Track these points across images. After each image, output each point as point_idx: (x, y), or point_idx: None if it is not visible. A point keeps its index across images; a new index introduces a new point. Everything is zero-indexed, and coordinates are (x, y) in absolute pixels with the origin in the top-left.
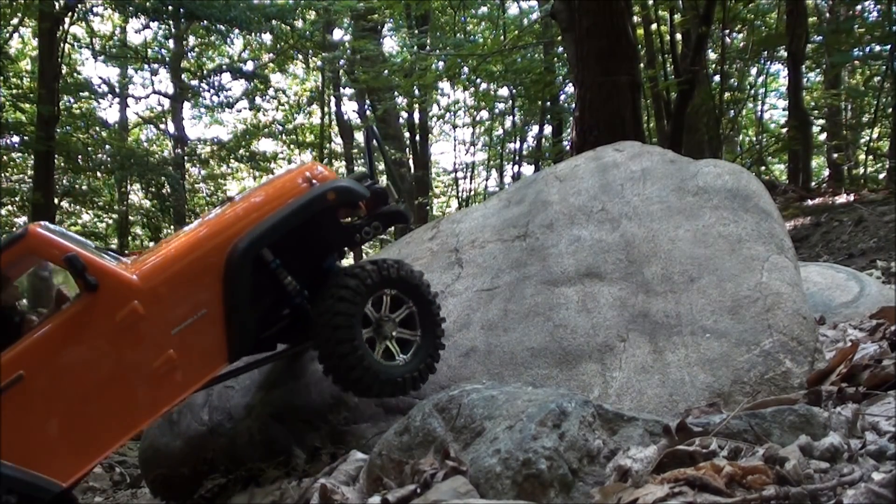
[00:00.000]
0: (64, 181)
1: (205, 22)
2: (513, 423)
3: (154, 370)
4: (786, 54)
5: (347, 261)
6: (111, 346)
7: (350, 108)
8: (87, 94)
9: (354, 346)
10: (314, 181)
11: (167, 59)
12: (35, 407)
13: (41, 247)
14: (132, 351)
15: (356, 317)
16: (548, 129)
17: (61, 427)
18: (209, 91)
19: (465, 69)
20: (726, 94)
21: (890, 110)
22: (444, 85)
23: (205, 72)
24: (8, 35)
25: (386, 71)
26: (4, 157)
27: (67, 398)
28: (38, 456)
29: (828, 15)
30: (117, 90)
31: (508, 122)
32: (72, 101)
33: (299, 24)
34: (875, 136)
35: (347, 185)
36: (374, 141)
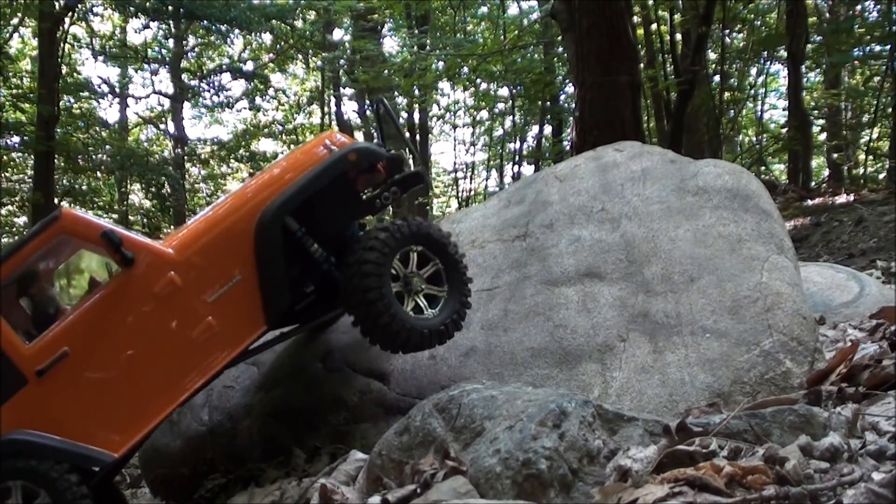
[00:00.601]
0: (64, 181)
1: (205, 22)
2: (513, 423)
3: (194, 338)
4: (786, 54)
5: None
6: (151, 318)
7: (350, 108)
8: (87, 94)
9: (382, 293)
10: (334, 148)
11: (167, 59)
12: (81, 382)
13: (75, 226)
14: (172, 321)
15: (385, 265)
16: (548, 129)
17: (108, 400)
18: (209, 91)
19: (465, 69)
20: (726, 94)
21: (890, 110)
22: (444, 85)
23: (205, 72)
24: (8, 35)
25: (386, 71)
26: (4, 157)
27: (112, 371)
28: (88, 429)
29: (828, 15)
30: (117, 90)
31: (508, 122)
32: (72, 101)
33: (299, 24)
34: (875, 136)
35: (367, 145)
36: (386, 112)
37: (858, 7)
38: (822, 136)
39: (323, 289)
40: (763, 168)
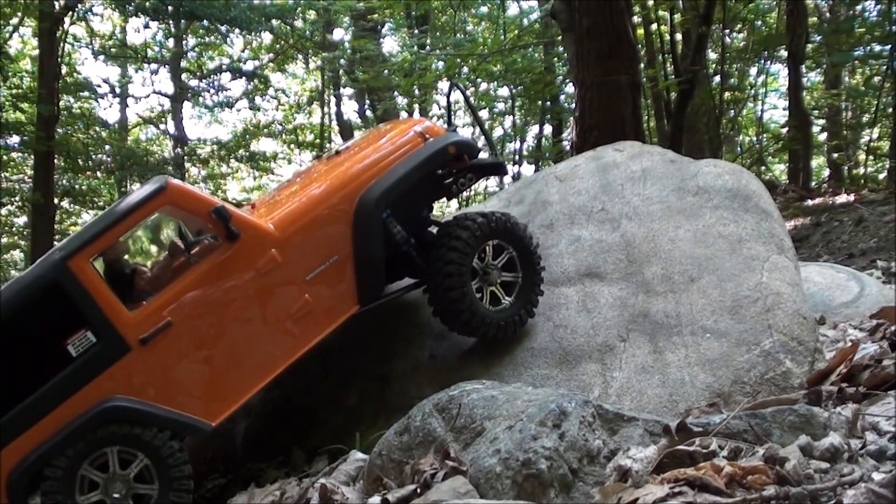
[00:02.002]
0: (64, 181)
1: (205, 22)
2: (513, 423)
3: (292, 314)
4: (786, 54)
5: None
6: (252, 293)
7: (350, 108)
8: (87, 94)
9: (464, 292)
10: (427, 135)
11: (167, 59)
12: (184, 351)
13: (182, 199)
14: (271, 296)
15: (467, 266)
16: (548, 129)
17: (207, 370)
18: (209, 91)
19: (465, 69)
20: (726, 94)
21: (890, 110)
22: (444, 85)
23: (205, 72)
24: (8, 35)
25: (386, 71)
26: (4, 157)
27: (211, 342)
28: (187, 398)
29: (828, 15)
30: (117, 90)
31: (508, 122)
32: (72, 101)
33: (299, 24)
34: (875, 136)
35: (465, 139)
36: (464, 98)
37: (858, 7)
38: (822, 136)
39: (392, 266)
40: (763, 168)
